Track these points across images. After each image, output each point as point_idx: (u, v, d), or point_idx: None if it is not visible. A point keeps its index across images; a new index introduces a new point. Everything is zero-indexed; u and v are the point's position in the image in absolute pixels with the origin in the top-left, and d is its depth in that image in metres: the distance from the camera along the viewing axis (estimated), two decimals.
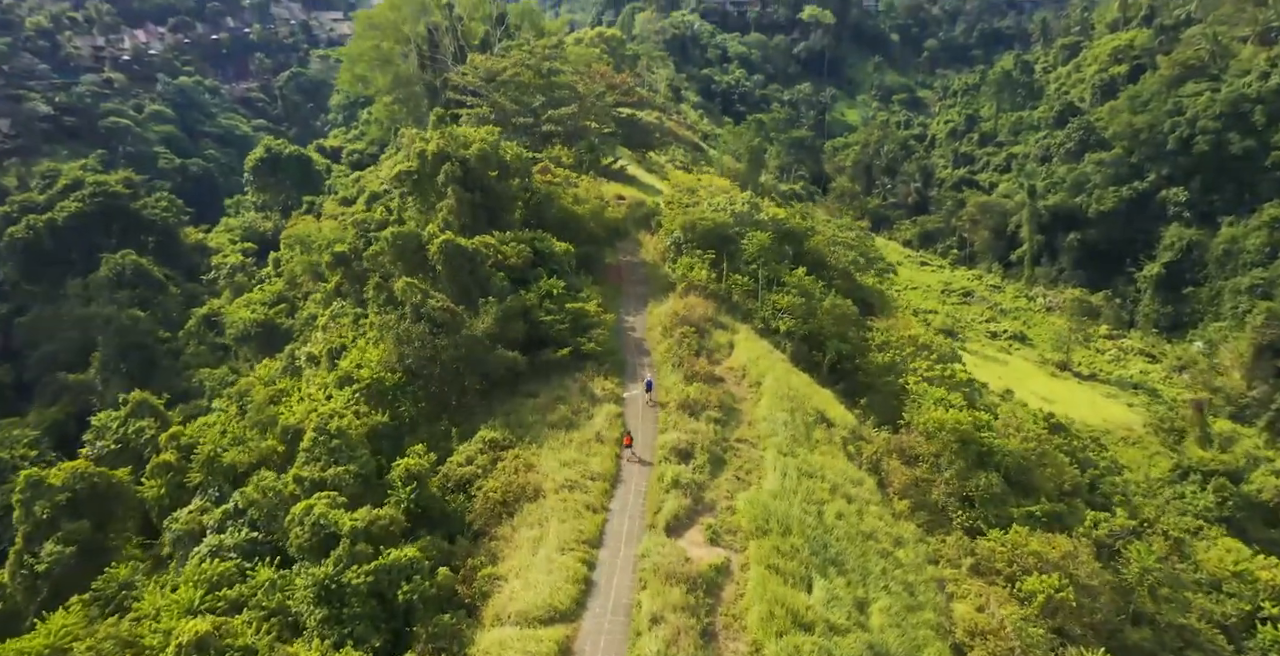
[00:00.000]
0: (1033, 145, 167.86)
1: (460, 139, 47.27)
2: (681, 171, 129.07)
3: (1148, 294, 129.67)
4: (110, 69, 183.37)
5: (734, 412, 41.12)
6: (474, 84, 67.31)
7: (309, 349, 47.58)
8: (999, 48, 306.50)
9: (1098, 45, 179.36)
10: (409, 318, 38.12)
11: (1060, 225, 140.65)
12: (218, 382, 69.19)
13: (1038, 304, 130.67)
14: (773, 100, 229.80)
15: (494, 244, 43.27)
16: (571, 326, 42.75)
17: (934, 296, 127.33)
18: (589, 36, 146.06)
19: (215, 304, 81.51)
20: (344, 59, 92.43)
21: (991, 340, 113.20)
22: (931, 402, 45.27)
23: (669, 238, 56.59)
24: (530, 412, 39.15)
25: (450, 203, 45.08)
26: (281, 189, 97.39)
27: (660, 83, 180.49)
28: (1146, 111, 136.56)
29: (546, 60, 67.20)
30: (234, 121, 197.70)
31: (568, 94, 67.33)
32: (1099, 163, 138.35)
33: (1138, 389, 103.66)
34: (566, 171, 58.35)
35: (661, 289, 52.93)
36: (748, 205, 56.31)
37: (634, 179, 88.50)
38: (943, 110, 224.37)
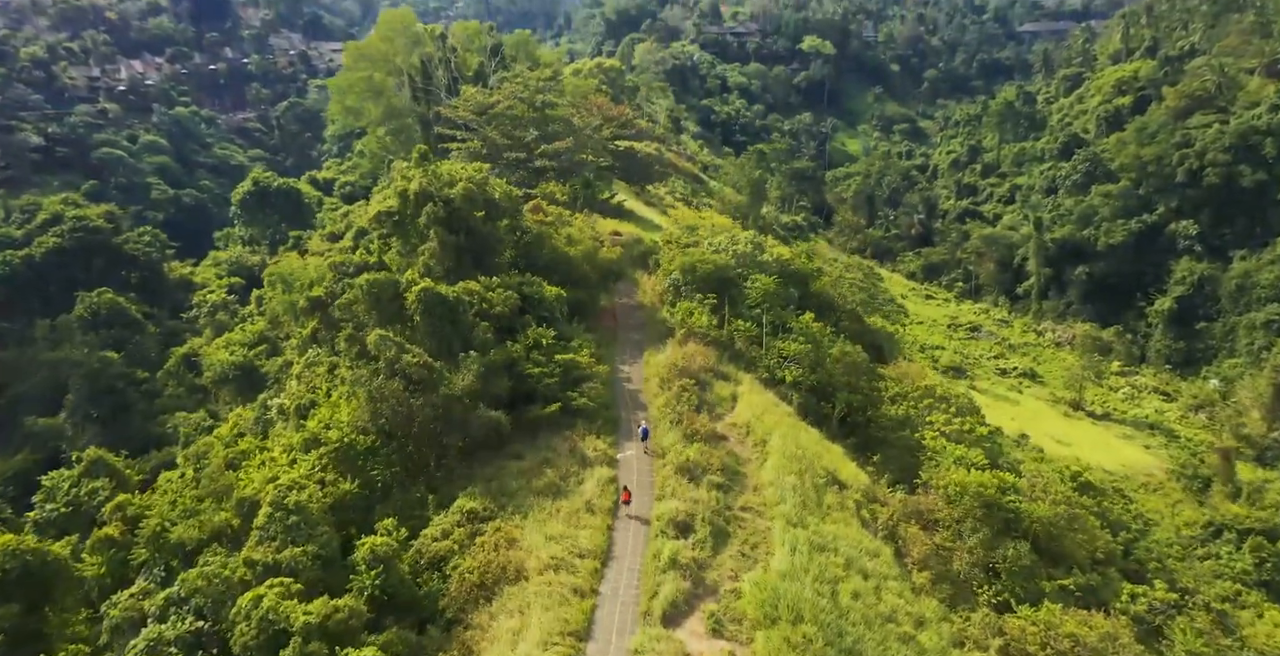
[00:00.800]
0: (1037, 177, 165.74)
1: (444, 177, 44.32)
2: (681, 203, 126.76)
3: (1159, 329, 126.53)
4: (105, 99, 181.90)
5: (738, 476, 37.66)
6: (465, 117, 64.66)
7: (280, 400, 44.32)
8: (999, 78, 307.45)
9: (1101, 76, 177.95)
10: (383, 373, 34.89)
11: (1068, 258, 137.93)
12: (193, 428, 65.75)
13: (1046, 339, 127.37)
14: (773, 130, 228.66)
15: (478, 291, 40.12)
16: (561, 380, 39.47)
17: (940, 331, 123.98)
18: (587, 67, 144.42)
19: (196, 343, 78.35)
20: (334, 90, 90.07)
21: (1001, 377, 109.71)
22: (951, 461, 41.84)
23: (667, 279, 53.49)
24: (514, 478, 35.69)
25: (432, 246, 42.03)
26: (269, 223, 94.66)
27: (660, 113, 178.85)
28: (1154, 143, 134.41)
29: (540, 93, 64.56)
30: (229, 151, 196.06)
31: (562, 127, 64.61)
32: (1106, 195, 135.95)
33: (1154, 429, 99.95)
34: (560, 209, 55.39)
35: (659, 335, 49.70)
36: (750, 245, 53.26)
37: (631, 213, 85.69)
38: (944, 141, 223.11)
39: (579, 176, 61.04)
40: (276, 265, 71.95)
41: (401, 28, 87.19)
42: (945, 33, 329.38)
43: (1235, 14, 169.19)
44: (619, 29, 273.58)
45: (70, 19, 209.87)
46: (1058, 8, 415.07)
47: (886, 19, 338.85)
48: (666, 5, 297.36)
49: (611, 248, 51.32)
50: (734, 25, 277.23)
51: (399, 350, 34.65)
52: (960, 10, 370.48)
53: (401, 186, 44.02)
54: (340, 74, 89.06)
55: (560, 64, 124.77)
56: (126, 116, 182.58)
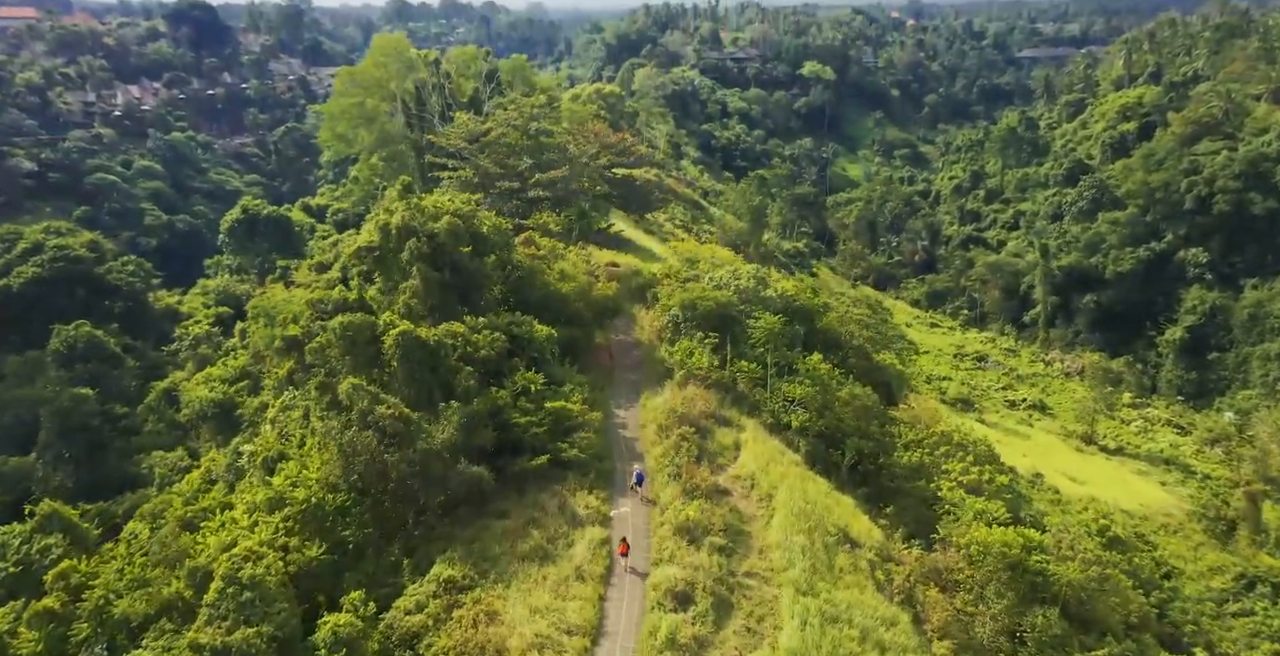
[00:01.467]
0: (1042, 203, 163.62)
1: (428, 210, 41.73)
2: (682, 230, 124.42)
3: (1170, 359, 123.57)
4: (100, 125, 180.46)
5: (742, 536, 34.61)
6: (457, 145, 62.28)
7: (252, 447, 41.46)
8: (999, 103, 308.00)
9: (1105, 102, 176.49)
10: (355, 425, 32.03)
11: (1075, 286, 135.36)
12: (169, 469, 62.74)
13: (1055, 369, 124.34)
14: (774, 155, 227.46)
15: (462, 333, 37.31)
16: (550, 429, 36.55)
17: (946, 361, 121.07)
18: (586, 93, 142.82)
19: (178, 377, 75.46)
20: (325, 116, 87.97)
21: (1010, 410, 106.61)
22: (971, 516, 38.80)
23: (666, 315, 50.77)
24: (497, 540, 32.63)
25: (414, 284, 39.32)
26: (258, 252, 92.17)
27: (660, 139, 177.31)
28: (1162, 170, 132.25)
29: (534, 120, 62.22)
30: (225, 177, 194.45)
31: (557, 156, 62.19)
32: (1114, 222, 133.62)
33: (1169, 464, 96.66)
34: (553, 242, 52.75)
35: (658, 375, 46.84)
36: (753, 280, 50.55)
37: (630, 243, 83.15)
38: (946, 166, 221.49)
39: (574, 206, 58.47)
40: (260, 297, 69.32)
41: (395, 53, 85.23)
42: (945, 58, 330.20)
43: (1239, 40, 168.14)
44: (619, 54, 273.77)
45: (68, 44, 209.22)
46: (1056, 34, 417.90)
47: (886, 45, 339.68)
48: (667, 31, 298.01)
49: (607, 283, 48.60)
50: (734, 51, 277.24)
51: (373, 400, 31.81)
52: (959, 36, 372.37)
53: (383, 220, 41.41)
54: (332, 100, 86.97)
55: (558, 89, 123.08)
56: (121, 142, 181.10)
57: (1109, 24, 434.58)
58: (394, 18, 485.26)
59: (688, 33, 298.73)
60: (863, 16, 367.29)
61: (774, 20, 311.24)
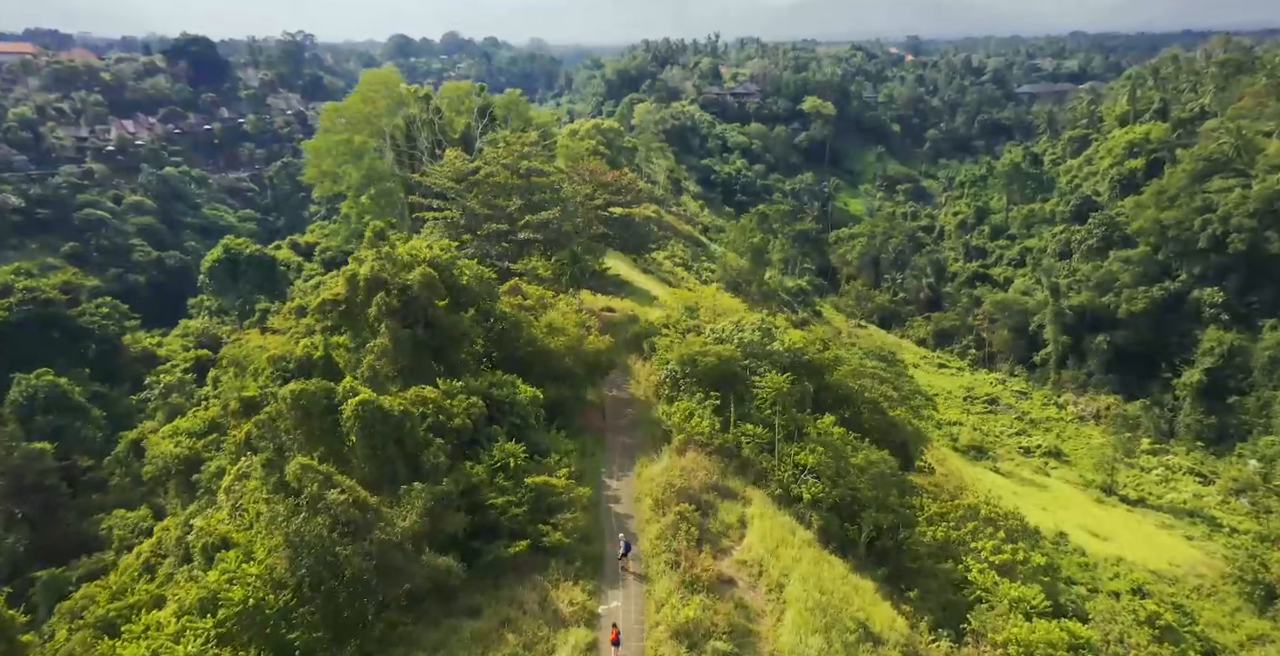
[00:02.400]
0: (1049, 239, 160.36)
1: (401, 260, 37.87)
2: (681, 268, 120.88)
3: (1187, 402, 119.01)
4: (92, 160, 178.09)
5: (750, 638, 30.16)
6: (443, 185, 58.70)
7: (202, 522, 37.16)
8: (1000, 138, 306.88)
9: (1111, 138, 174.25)
10: (305, 511, 27.82)
11: (1086, 326, 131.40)
12: (129, 530, 58.27)
13: (1069, 412, 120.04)
14: (774, 190, 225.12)
15: (434, 399, 33.22)
16: (531, 509, 32.28)
17: (956, 404, 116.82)
18: (585, 128, 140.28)
19: (146, 427, 71.12)
20: (310, 153, 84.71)
21: (1025, 457, 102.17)
22: (1006, 605, 34.35)
23: (664, 369, 46.74)
24: (466, 646, 28.18)
25: (383, 342, 35.33)
26: (240, 293, 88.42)
27: (659, 174, 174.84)
28: (1174, 207, 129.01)
29: (525, 158, 58.70)
30: (219, 212, 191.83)
31: (549, 196, 58.56)
32: (1126, 260, 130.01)
33: (1194, 517, 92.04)
34: (542, 290, 48.84)
35: (655, 438, 42.68)
36: (758, 333, 46.54)
37: (627, 285, 79.41)
38: (950, 201, 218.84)
39: (566, 250, 54.70)
40: (233, 344, 65.32)
41: (384, 88, 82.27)
42: (945, 93, 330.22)
43: (1245, 76, 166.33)
44: (619, 90, 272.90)
45: (64, 80, 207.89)
46: (1055, 70, 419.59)
47: (886, 80, 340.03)
48: (666, 66, 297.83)
49: (599, 337, 44.59)
50: (734, 86, 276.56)
51: (324, 483, 27.65)
52: (959, 72, 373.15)
53: (350, 271, 37.57)
54: (318, 136, 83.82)
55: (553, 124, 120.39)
56: (113, 177, 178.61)
57: (1107, 60, 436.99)
58: (396, 53, 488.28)
59: (687, 68, 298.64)
60: (862, 53, 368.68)
61: (773, 56, 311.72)
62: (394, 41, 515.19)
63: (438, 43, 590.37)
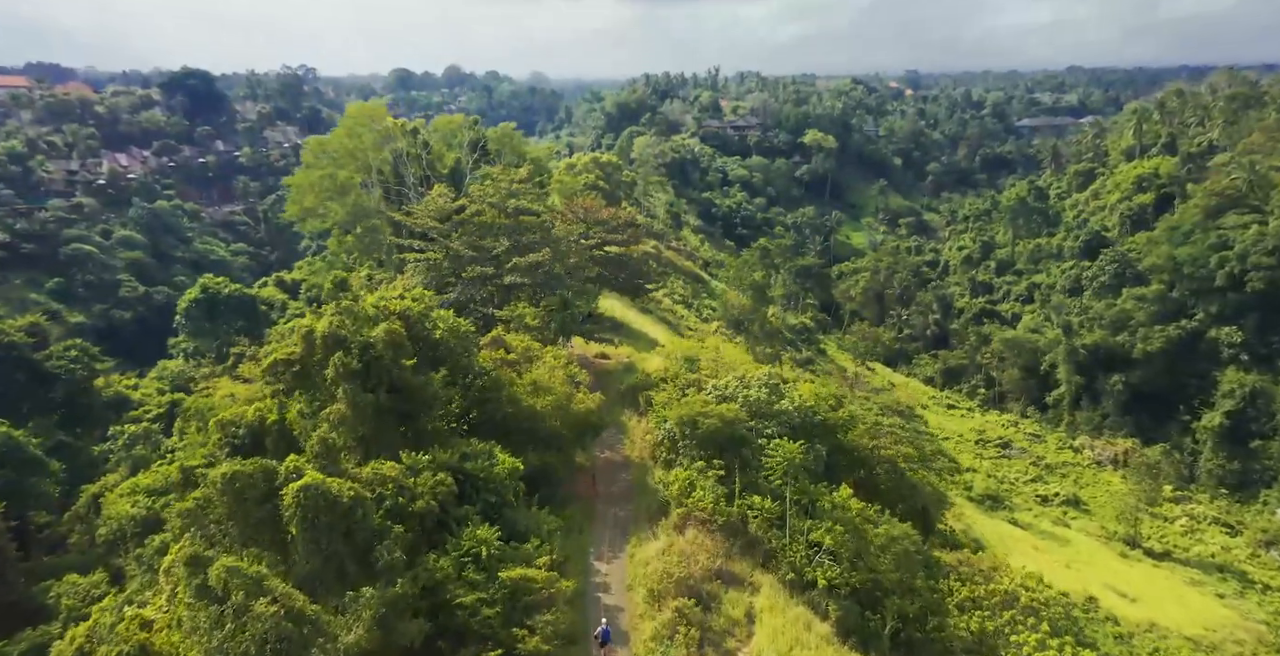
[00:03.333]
0: (1058, 275, 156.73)
1: (365, 313, 33.70)
2: (681, 305, 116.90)
3: (1208, 446, 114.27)
4: (82, 194, 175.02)
5: None
6: (425, 225, 54.75)
7: (131, 613, 32.60)
8: (1002, 172, 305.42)
9: (1119, 173, 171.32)
10: (230, 621, 23.35)
11: (1100, 365, 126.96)
12: (80, 598, 53.42)
13: (1085, 457, 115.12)
14: (775, 223, 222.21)
15: (395, 477, 28.85)
16: (506, 609, 27.69)
17: (968, 448, 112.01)
18: (583, 162, 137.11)
19: (109, 480, 66.53)
20: (292, 189, 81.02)
21: (1042, 506, 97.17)
22: None
23: (661, 428, 42.37)
24: None
25: (340, 409, 31.02)
26: (218, 334, 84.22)
27: (659, 208, 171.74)
28: (1189, 244, 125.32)
29: (513, 197, 54.83)
30: (210, 246, 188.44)
31: (539, 236, 54.59)
32: (1140, 298, 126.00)
33: (1223, 572, 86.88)
34: (527, 341, 44.58)
35: (650, 511, 38.16)
36: (765, 390, 42.23)
37: (623, 327, 75.33)
38: (954, 236, 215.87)
39: (556, 295, 50.57)
40: (200, 394, 60.98)
41: (369, 122, 78.81)
42: (946, 127, 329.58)
43: (1254, 111, 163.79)
44: (619, 122, 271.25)
45: (57, 113, 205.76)
46: (1054, 104, 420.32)
47: (887, 114, 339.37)
48: (666, 100, 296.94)
49: (589, 395, 40.22)
50: (734, 119, 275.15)
51: (254, 590, 23.22)
52: (959, 105, 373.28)
53: (306, 326, 33.41)
54: (300, 171, 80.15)
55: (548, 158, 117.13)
56: (103, 210, 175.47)
57: (1106, 94, 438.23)
58: (397, 87, 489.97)
59: (687, 101, 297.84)
60: (862, 87, 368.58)
61: (774, 90, 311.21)
62: (395, 75, 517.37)
63: (439, 76, 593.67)
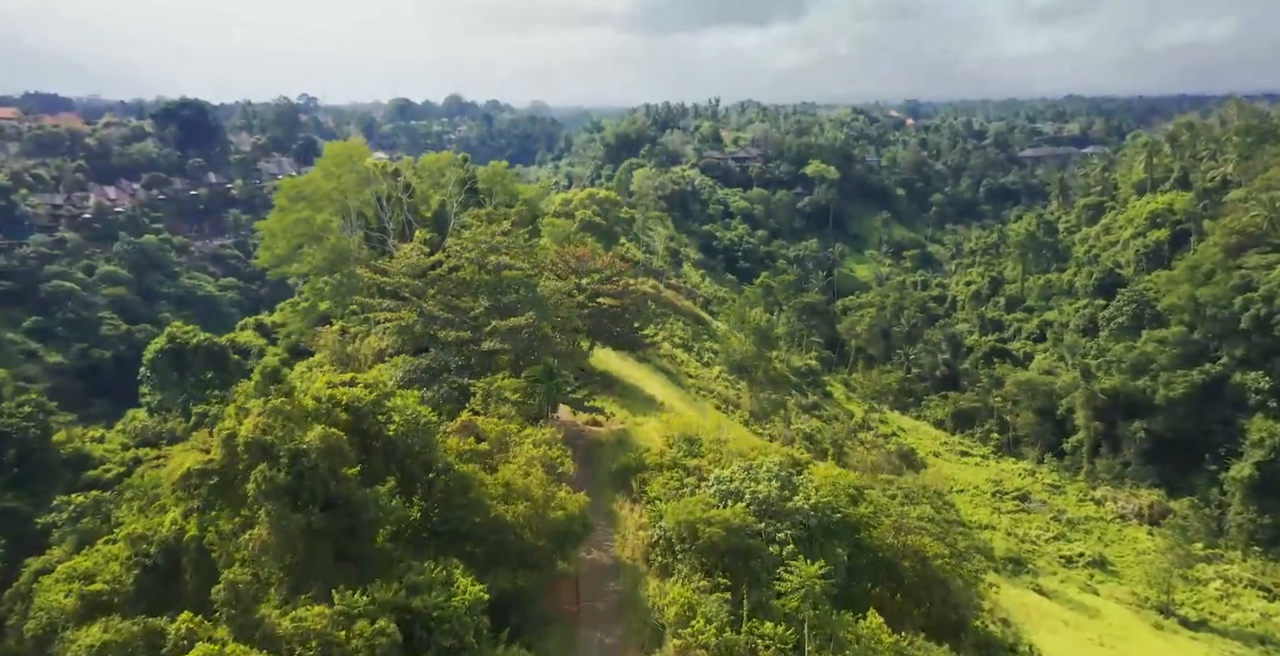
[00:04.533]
0: (1071, 314, 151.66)
1: (299, 411, 28.30)
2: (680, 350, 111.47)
3: (1237, 499, 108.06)
4: (66, 228, 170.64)
5: None
6: (395, 283, 49.52)
7: None
8: (1006, 203, 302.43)
9: (1131, 208, 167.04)
10: None
11: (1120, 411, 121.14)
12: None
13: (1108, 510, 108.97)
14: (778, 257, 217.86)
15: (321, 630, 23.26)
16: None
17: (984, 501, 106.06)
18: (579, 198, 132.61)
19: (54, 555, 60.71)
20: (264, 234, 75.95)
21: (1067, 568, 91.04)
22: None
23: (656, 527, 36.79)
24: None
25: (261, 535, 25.54)
26: (185, 388, 78.74)
27: (658, 243, 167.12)
28: (1211, 284, 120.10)
29: (494, 252, 49.64)
30: (198, 281, 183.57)
31: (524, 295, 49.31)
32: (1161, 341, 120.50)
33: (1265, 644, 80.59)
34: (503, 425, 39.07)
35: (643, 637, 32.38)
36: (776, 483, 36.65)
37: (616, 383, 69.75)
38: (961, 270, 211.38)
39: (540, 364, 45.17)
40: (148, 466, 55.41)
41: (348, 162, 73.95)
42: (949, 158, 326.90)
43: (1269, 145, 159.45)
44: (618, 153, 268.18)
45: (45, 145, 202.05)
46: (1056, 133, 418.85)
47: (889, 144, 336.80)
48: (666, 130, 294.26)
49: (571, 496, 34.57)
50: (735, 150, 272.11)
51: None
52: (960, 135, 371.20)
53: (227, 429, 28.02)
54: (272, 215, 75.03)
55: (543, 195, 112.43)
56: (87, 245, 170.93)
57: (1108, 124, 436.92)
58: (397, 116, 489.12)
59: (688, 132, 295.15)
60: (864, 116, 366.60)
61: (775, 120, 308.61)
62: (395, 105, 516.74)
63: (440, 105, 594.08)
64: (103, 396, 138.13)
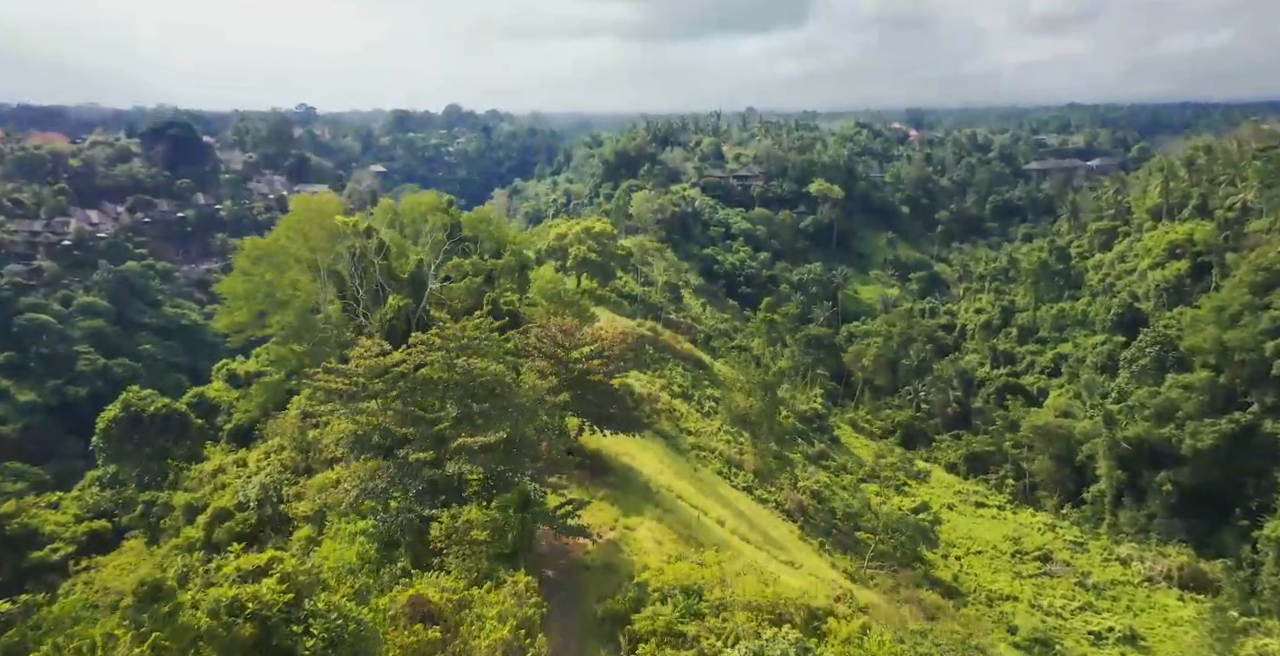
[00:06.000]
0: (1088, 350, 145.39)
1: (190, 631, 22.14)
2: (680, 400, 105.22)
3: (1271, 558, 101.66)
4: (44, 256, 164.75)
5: None
6: (346, 386, 43.27)
7: None
8: (1013, 219, 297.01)
9: (1148, 237, 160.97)
10: None
11: (1144, 460, 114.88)
12: None
13: (1134, 571, 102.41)
14: (781, 281, 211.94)
15: None
16: None
17: (1004, 564, 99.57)
18: (574, 232, 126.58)
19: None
20: (225, 296, 69.63)
21: (1096, 645, 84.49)
22: None
23: None
24: None
25: None
26: (140, 459, 72.63)
27: (657, 274, 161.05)
28: (1239, 327, 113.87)
29: (464, 353, 43.43)
30: (182, 310, 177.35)
31: (500, 399, 43.10)
32: (1187, 387, 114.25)
33: None
34: (462, 592, 32.77)
35: None
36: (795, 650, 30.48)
37: (607, 469, 63.37)
38: (969, 295, 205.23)
39: (514, 490, 38.91)
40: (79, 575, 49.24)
41: (316, 219, 67.79)
42: (954, 173, 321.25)
43: None
44: (617, 170, 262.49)
45: (28, 168, 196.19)
46: (1061, 146, 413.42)
47: (893, 159, 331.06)
48: (667, 147, 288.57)
49: None
50: (737, 168, 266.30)
51: None
52: (965, 148, 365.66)
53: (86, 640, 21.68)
54: (232, 277, 68.68)
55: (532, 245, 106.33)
56: (65, 274, 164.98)
57: (1114, 136, 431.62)
58: (395, 128, 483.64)
59: (688, 148, 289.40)
60: (867, 131, 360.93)
61: (777, 136, 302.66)
62: (394, 116, 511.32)
63: (439, 115, 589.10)
64: (77, 436, 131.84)
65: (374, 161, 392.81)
